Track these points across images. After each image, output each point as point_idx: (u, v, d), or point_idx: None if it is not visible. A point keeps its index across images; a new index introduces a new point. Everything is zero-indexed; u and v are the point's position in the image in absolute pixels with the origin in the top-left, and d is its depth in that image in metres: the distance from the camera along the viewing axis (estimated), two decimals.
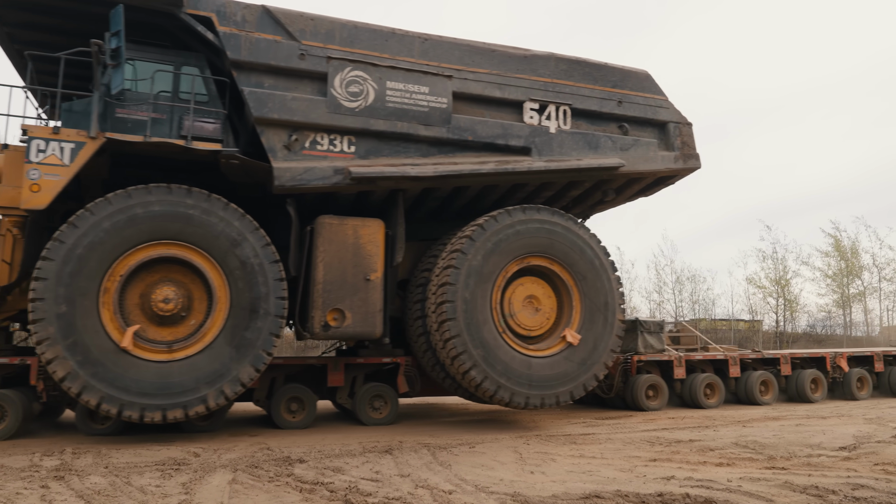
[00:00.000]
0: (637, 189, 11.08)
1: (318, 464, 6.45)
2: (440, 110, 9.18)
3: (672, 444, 7.65)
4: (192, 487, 5.43)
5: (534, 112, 9.70)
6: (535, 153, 9.62)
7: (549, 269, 9.42)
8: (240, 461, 6.55)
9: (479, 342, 8.73)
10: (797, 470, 6.03)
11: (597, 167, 9.82)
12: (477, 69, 9.49)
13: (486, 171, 9.25)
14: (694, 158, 10.59)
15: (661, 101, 10.54)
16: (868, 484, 5.36)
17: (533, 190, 10.39)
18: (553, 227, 9.38)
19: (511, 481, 5.63)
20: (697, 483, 5.44)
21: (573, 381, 9.19)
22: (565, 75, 9.97)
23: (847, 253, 38.28)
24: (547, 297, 9.50)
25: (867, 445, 7.40)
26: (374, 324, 8.94)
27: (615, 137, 10.11)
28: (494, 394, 8.80)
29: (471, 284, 8.82)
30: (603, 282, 9.56)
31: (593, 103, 10.07)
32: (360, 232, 9.02)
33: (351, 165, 8.73)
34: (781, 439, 7.92)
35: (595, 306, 9.47)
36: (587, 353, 9.31)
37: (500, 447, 7.52)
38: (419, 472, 6.02)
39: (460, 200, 10.22)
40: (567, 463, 6.51)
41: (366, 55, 8.94)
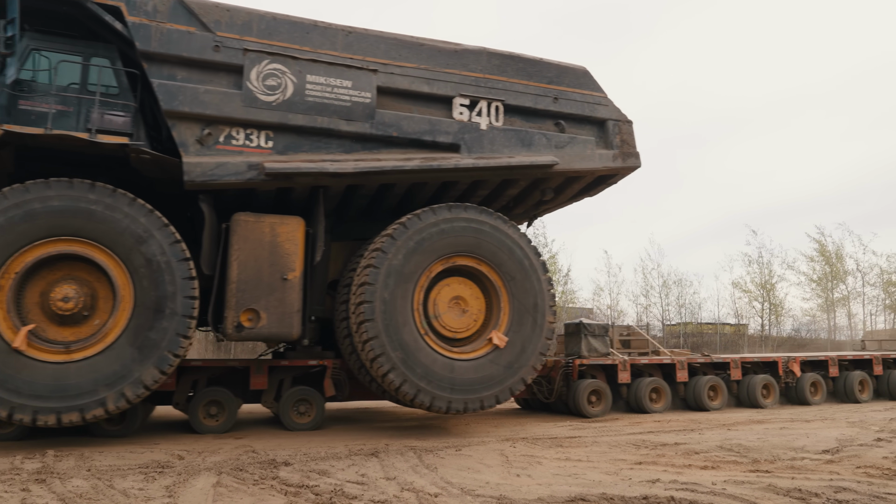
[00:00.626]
0: (578, 188, 10.81)
1: (304, 467, 6.43)
2: (363, 105, 8.91)
3: (657, 448, 7.67)
4: (175, 490, 5.40)
5: (464, 108, 9.43)
6: (464, 150, 9.34)
7: (476, 269, 9.14)
8: (224, 464, 6.52)
9: (398, 344, 8.44)
10: (781, 473, 6.07)
11: (529, 165, 9.55)
12: (404, 63, 9.23)
13: (410, 167, 8.98)
14: (634, 157, 10.33)
15: (600, 98, 10.28)
16: (850, 487, 5.41)
17: (466, 188, 10.13)
18: (480, 226, 9.11)
19: (497, 484, 5.65)
20: (682, 486, 5.49)
21: (499, 384, 8.90)
22: (498, 70, 9.71)
23: (832, 258, 38.17)
24: (475, 298, 9.22)
25: (850, 449, 7.44)
26: (291, 325, 8.65)
27: (550, 135, 9.85)
28: (414, 397, 8.51)
29: (390, 284, 8.54)
30: (532, 283, 9.28)
31: (528, 100, 9.81)
32: (277, 230, 8.74)
33: (266, 161, 8.45)
34: (766, 442, 7.97)
35: (524, 308, 9.19)
36: (514, 356, 9.02)
37: (486, 450, 7.52)
38: (405, 475, 6.02)
39: (391, 199, 9.95)
40: (553, 466, 6.52)
41: (285, 48, 8.67)
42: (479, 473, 6.13)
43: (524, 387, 9.17)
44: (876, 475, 5.93)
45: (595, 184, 10.91)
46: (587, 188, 11.08)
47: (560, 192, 10.89)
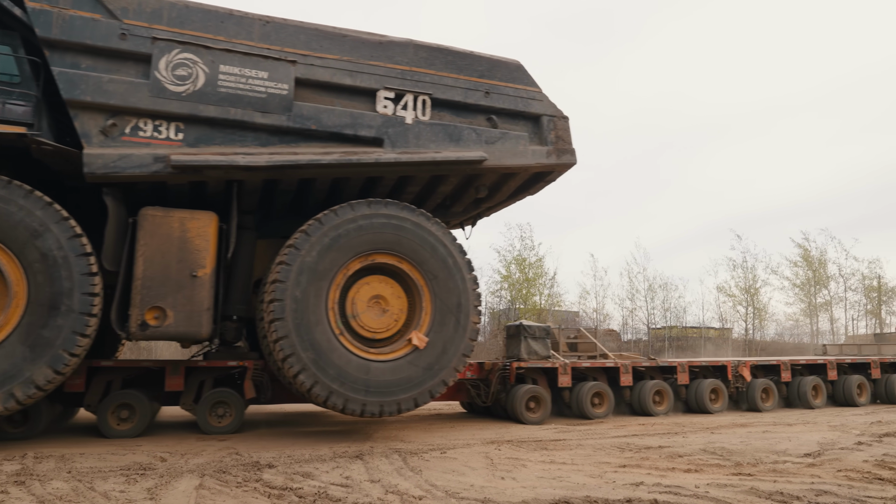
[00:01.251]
0: (514, 186, 10.52)
1: (288, 469, 6.40)
2: (280, 97, 8.62)
3: (642, 451, 7.68)
4: (157, 493, 5.34)
5: (388, 101, 9.14)
6: (388, 144, 9.04)
7: (397, 267, 8.84)
8: (207, 466, 6.46)
9: (309, 344, 8.12)
10: (763, 476, 6.11)
11: (455, 161, 9.25)
12: (325, 55, 8.93)
13: (327, 161, 8.67)
14: (569, 154, 10.04)
15: (534, 93, 10.00)
16: (831, 490, 5.46)
17: (395, 185, 9.84)
18: (401, 223, 8.81)
19: (481, 487, 5.64)
20: (666, 489, 5.51)
21: (418, 387, 8.58)
22: (426, 63, 9.42)
23: (815, 263, 38.06)
24: (396, 297, 8.91)
25: (831, 452, 7.48)
26: (200, 323, 8.33)
27: (480, 130, 9.56)
28: (326, 400, 8.19)
29: (303, 282, 8.22)
30: (456, 282, 8.98)
31: (457, 93, 9.52)
32: (187, 225, 8.43)
33: (174, 153, 8.14)
34: (748, 446, 8.03)
35: (447, 308, 8.89)
36: (435, 358, 8.71)
37: (471, 453, 7.48)
38: (389, 478, 6.00)
39: (316, 195, 9.65)
40: (538, 469, 6.52)
41: (197, 37, 8.38)
42: (464, 476, 6.14)
43: (445, 388, 8.86)
44: (856, 478, 5.96)
45: (533, 181, 10.63)
46: (525, 186, 10.80)
47: (497, 190, 10.60)
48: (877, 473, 6.19)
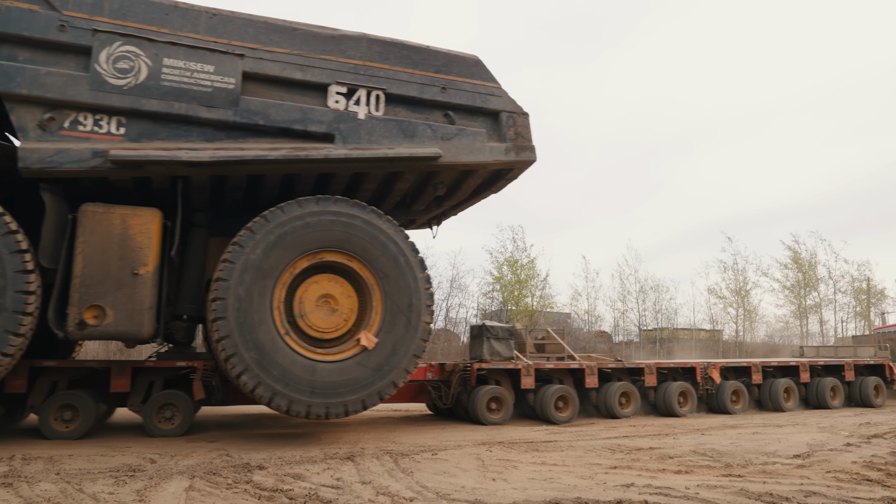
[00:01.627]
0: (475, 183, 10.32)
1: (278, 470, 6.39)
2: (226, 91, 8.41)
3: (633, 452, 7.70)
4: (146, 495, 5.31)
5: (340, 96, 8.94)
6: (339, 140, 8.84)
7: (347, 266, 8.64)
8: (198, 467, 6.44)
9: (252, 344, 7.92)
10: (753, 477, 6.15)
11: (409, 157, 9.05)
12: (275, 48, 8.74)
13: (274, 157, 8.46)
14: (528, 150, 9.85)
15: (493, 89, 9.81)
16: (820, 491, 5.49)
17: (350, 182, 9.65)
18: (351, 220, 8.61)
19: (473, 488, 5.64)
20: (656, 490, 5.52)
21: (366, 388, 8.37)
22: (380, 58, 9.23)
23: (805, 265, 37.96)
24: (346, 296, 8.71)
25: (820, 453, 7.52)
26: (141, 323, 8.11)
27: (436, 126, 9.36)
28: (270, 401, 7.98)
29: (246, 280, 8.02)
30: (408, 281, 8.78)
31: (413, 89, 9.32)
32: (129, 222, 8.22)
33: (114, 148, 7.94)
34: (738, 447, 8.07)
35: (397, 307, 8.68)
36: (384, 359, 8.51)
37: (462, 454, 7.49)
38: (380, 480, 6.00)
39: (268, 192, 9.45)
40: (529, 470, 6.53)
41: (140, 29, 8.18)
42: (455, 478, 6.14)
43: (395, 390, 8.64)
44: (845, 479, 6.01)
45: (494, 179, 10.44)
46: (487, 183, 10.61)
47: (457, 188, 10.42)
48: (865, 474, 6.23)
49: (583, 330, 40.65)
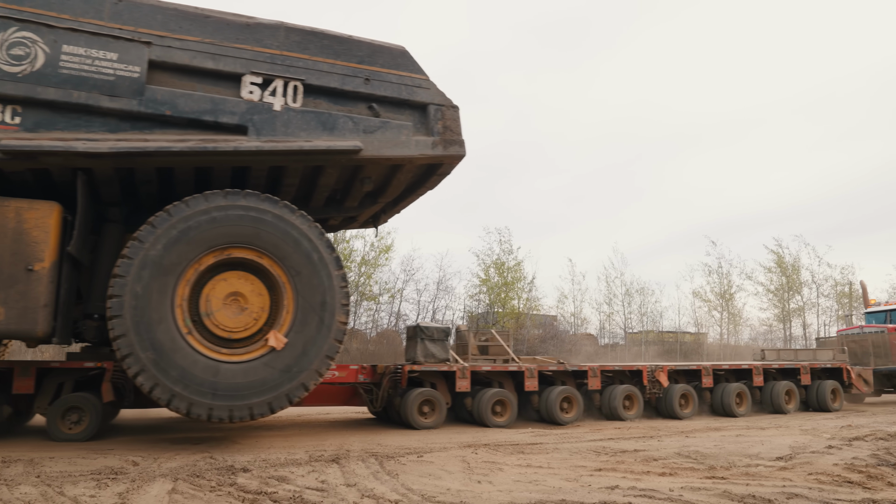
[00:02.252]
0: (405, 179, 9.98)
1: (263, 473, 6.36)
2: (130, 80, 8.07)
3: (617, 454, 7.74)
4: (128, 497, 5.25)
5: (255, 87, 8.59)
6: (252, 132, 8.50)
7: (258, 262, 8.29)
8: (181, 470, 6.41)
9: (149, 343, 7.56)
10: (736, 479, 6.20)
11: (326, 150, 8.70)
12: (185, 36, 8.40)
13: (179, 149, 8.12)
14: (457, 145, 9.50)
15: (420, 81, 9.47)
16: (802, 493, 5.53)
17: (270, 177, 9.29)
18: (261, 215, 8.26)
19: (458, 491, 5.64)
20: (640, 492, 5.54)
21: (273, 390, 8.01)
22: (298, 48, 8.89)
23: (788, 269, 37.72)
24: (257, 294, 8.35)
25: (802, 456, 7.56)
26: (35, 321, 7.73)
27: (358, 118, 9.02)
28: (169, 402, 7.62)
29: (145, 277, 7.67)
30: (322, 279, 8.42)
31: (334, 80, 8.98)
32: (24, 215, 7.86)
33: (6, 138, 7.59)
34: (722, 449, 8.12)
35: (310, 306, 8.33)
36: (294, 359, 8.15)
37: (448, 456, 7.49)
38: (365, 482, 5.98)
39: (182, 187, 9.09)
40: (514, 472, 6.55)
41: (38, 14, 7.84)
42: (441, 480, 6.13)
43: (306, 392, 8.28)
44: (827, 481, 6.08)
45: (426, 175, 10.09)
46: (421, 180, 10.27)
47: (387, 184, 10.08)
48: (846, 476, 6.27)
49: (569, 332, 40.40)
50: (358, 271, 33.31)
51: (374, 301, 34.05)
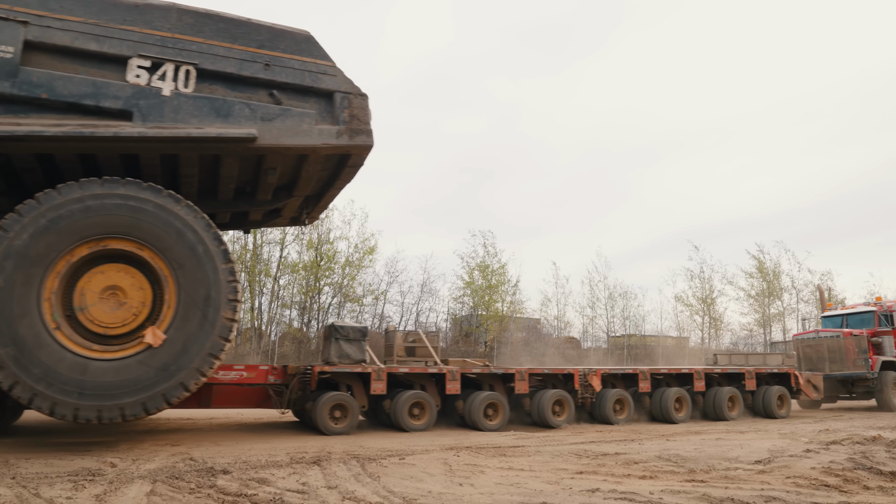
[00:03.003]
0: (315, 171, 9.54)
1: (243, 475, 6.31)
2: (3, 61, 7.63)
3: (598, 457, 7.79)
4: (106, 499, 5.19)
5: (142, 70, 8.17)
6: (138, 118, 8.06)
7: (138, 254, 7.84)
8: (160, 472, 6.36)
9: (10, 339, 7.10)
10: (715, 482, 6.23)
11: (216, 137, 8.26)
12: (67, 17, 7.97)
13: (52, 133, 7.66)
14: (364, 134, 9.06)
15: (326, 67, 9.04)
16: (780, 496, 5.56)
17: (165, 167, 8.86)
18: (140, 205, 7.82)
19: (439, 493, 5.63)
20: (621, 495, 5.54)
21: (147, 390, 7.55)
22: (192, 30, 8.47)
23: (769, 275, 37.37)
24: (137, 288, 7.90)
25: (780, 459, 7.62)
26: None
27: (255, 105, 8.58)
28: (31, 402, 7.16)
29: (7, 269, 7.22)
30: (206, 272, 7.97)
31: (230, 65, 8.55)
32: None
33: None
34: (702, 453, 8.19)
35: (192, 301, 7.87)
36: (172, 357, 7.69)
37: (430, 459, 7.50)
38: (347, 484, 5.95)
39: (69, 176, 8.61)
40: (496, 475, 6.54)
41: None
42: (422, 482, 6.13)
43: (186, 393, 7.81)
44: (804, 485, 6.14)
45: (338, 167, 9.66)
46: (335, 172, 9.84)
47: (297, 176, 9.65)
48: (823, 480, 6.33)
49: (552, 336, 40.02)
50: (342, 273, 32.95)
51: (357, 303, 33.69)
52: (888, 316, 17.38)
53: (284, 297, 32.86)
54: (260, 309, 31.82)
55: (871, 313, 17.61)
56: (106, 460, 6.93)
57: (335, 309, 33.07)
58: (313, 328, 32.42)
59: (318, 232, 32.20)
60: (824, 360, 16.03)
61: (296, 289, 33.13)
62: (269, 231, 31.25)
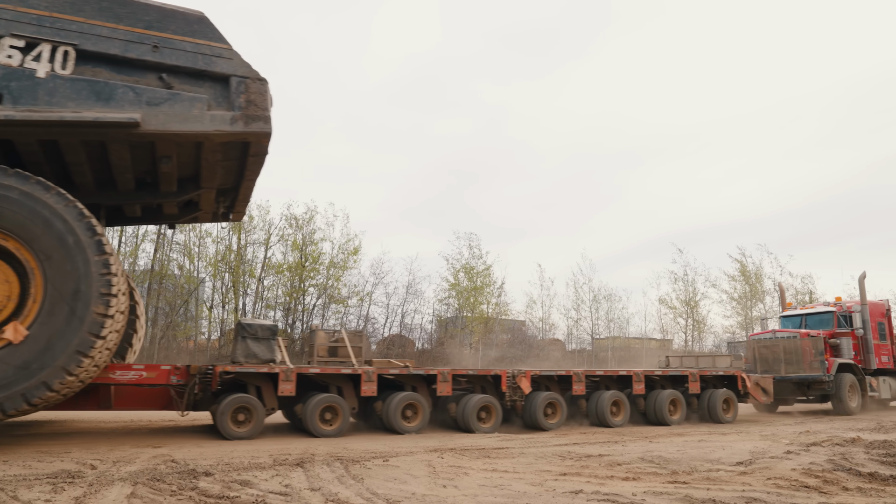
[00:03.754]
0: (215, 160, 9.05)
1: (225, 477, 6.22)
2: None
3: (582, 459, 7.81)
4: (85, 502, 5.10)
5: (15, 51, 7.70)
6: (8, 101, 7.58)
7: (2, 245, 7.36)
8: (141, 474, 6.25)
9: None
10: (697, 484, 6.26)
11: (94, 122, 7.77)
12: None
13: None
14: (261, 120, 8.56)
15: (220, 50, 8.56)
16: (761, 497, 5.60)
17: (48, 154, 8.38)
18: (4, 192, 7.34)
19: (423, 495, 5.60)
20: (604, 497, 5.55)
21: (5, 389, 7.06)
22: (71, 9, 8.00)
23: (751, 277, 36.96)
24: (3, 281, 7.42)
25: (762, 461, 7.66)
26: None
27: (140, 89, 8.10)
28: None
29: None
30: (76, 264, 7.48)
31: (115, 46, 8.08)
32: None
33: None
34: (684, 454, 8.24)
35: (60, 295, 7.38)
36: (34, 355, 7.19)
37: (414, 461, 7.47)
38: (330, 486, 5.90)
39: None
40: (480, 477, 6.52)
41: None
42: (406, 484, 6.09)
43: (50, 393, 7.31)
44: (785, 486, 6.19)
45: (241, 156, 9.18)
46: (241, 163, 9.36)
47: (198, 165, 9.16)
48: (803, 481, 6.38)
49: (537, 338, 39.55)
50: (326, 273, 32.54)
51: (342, 304, 33.25)
52: (847, 317, 16.85)
53: (269, 298, 32.46)
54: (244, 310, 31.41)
55: (830, 314, 17.09)
56: (86, 462, 6.79)
57: (320, 310, 32.66)
58: (298, 329, 32.00)
59: (302, 233, 31.85)
60: (780, 362, 15.41)
61: (280, 290, 32.74)
62: (252, 231, 30.93)
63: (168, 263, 28.52)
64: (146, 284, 26.60)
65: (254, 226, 30.59)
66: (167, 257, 28.67)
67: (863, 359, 16.58)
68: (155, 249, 27.61)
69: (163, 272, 27.79)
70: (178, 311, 28.96)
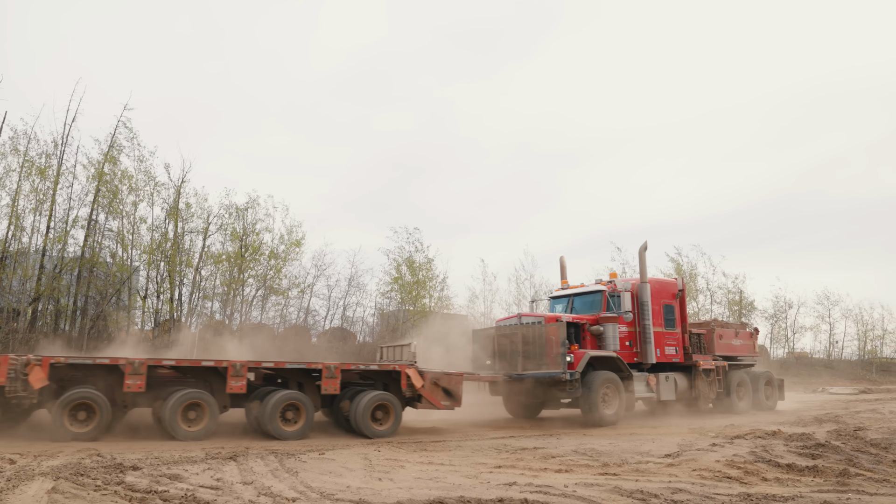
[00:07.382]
0: None
1: (154, 471, 6.09)
2: None
3: (517, 452, 7.98)
4: (2, 498, 4.98)
5: None
6: None
7: None
8: (64, 468, 6.12)
9: None
10: (626, 475, 6.43)
11: None
12: None
13: None
14: None
15: None
16: (686, 488, 5.73)
17: None
18: None
19: (358, 488, 5.54)
20: (537, 489, 5.62)
21: None
22: None
23: (685, 277, 38.64)
24: None
25: (688, 453, 7.94)
26: None
27: None
28: None
29: None
30: None
31: None
32: None
33: None
34: (616, 447, 8.50)
35: None
36: None
37: (350, 454, 7.46)
38: (263, 480, 5.81)
39: None
40: (415, 470, 6.60)
41: None
42: (341, 478, 6.07)
43: None
44: (709, 477, 6.39)
45: None
46: None
47: None
48: (726, 472, 6.62)
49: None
50: (267, 264, 31.87)
51: (283, 295, 32.63)
52: (616, 298, 13.64)
53: (206, 288, 31.56)
54: (180, 300, 30.41)
55: (599, 293, 13.83)
56: (4, 457, 6.70)
57: (259, 301, 31.99)
58: (236, 320, 31.26)
59: (242, 223, 31.11)
60: (517, 355, 11.94)
61: (219, 280, 31.90)
62: (190, 220, 29.98)
63: (100, 251, 27.33)
64: (75, 272, 25.39)
65: (191, 213, 29.70)
66: (98, 244, 27.46)
67: (639, 350, 13.56)
68: (86, 236, 26.39)
69: (94, 260, 26.59)
70: (109, 300, 27.78)
